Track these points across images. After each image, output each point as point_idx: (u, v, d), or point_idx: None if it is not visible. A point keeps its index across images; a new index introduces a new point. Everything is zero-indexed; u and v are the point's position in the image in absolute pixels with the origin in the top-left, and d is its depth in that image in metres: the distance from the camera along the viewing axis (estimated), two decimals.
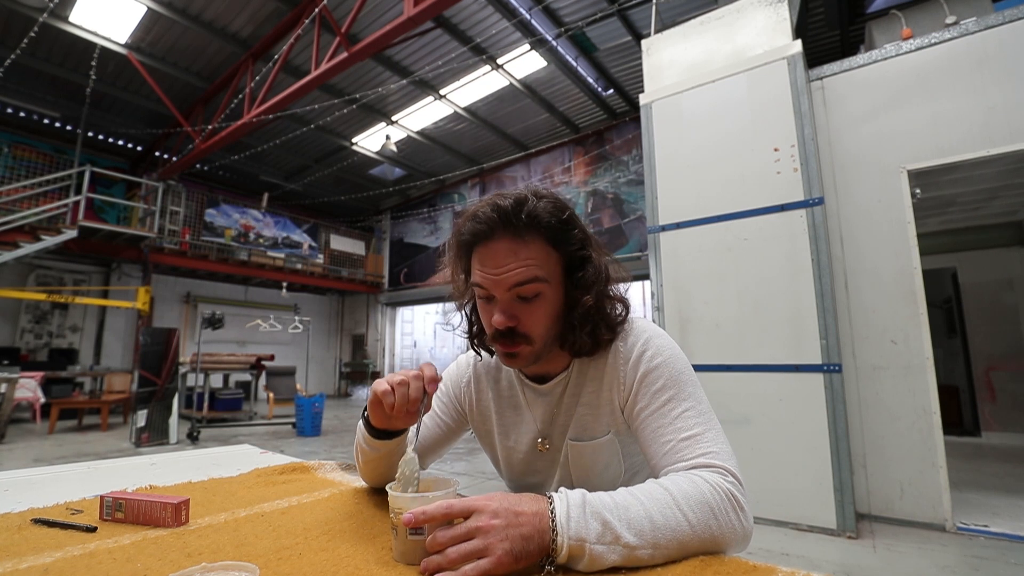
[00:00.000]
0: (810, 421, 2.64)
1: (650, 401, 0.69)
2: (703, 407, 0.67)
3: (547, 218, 0.68)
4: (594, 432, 0.76)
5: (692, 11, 5.14)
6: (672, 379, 0.69)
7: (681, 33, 3.47)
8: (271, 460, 1.16)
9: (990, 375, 5.16)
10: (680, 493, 0.56)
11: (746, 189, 2.99)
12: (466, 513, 0.50)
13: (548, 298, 0.70)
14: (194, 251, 9.35)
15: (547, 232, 0.69)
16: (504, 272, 0.68)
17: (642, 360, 0.71)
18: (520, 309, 0.70)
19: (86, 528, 0.66)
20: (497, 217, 0.68)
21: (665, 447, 0.65)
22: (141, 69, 6.67)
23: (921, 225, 3.23)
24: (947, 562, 2.18)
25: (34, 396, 6.12)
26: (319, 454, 5.03)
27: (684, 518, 0.54)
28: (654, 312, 3.25)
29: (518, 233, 0.68)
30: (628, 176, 8.66)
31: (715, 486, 0.57)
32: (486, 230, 0.69)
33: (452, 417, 0.90)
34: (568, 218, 0.71)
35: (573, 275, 0.72)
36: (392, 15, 5.91)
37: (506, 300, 0.69)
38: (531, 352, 0.71)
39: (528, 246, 0.68)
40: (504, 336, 0.70)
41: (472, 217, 0.70)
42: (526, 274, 0.67)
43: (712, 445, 0.63)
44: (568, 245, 0.71)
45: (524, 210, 0.67)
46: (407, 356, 13.18)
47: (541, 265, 0.69)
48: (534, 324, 0.70)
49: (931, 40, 2.85)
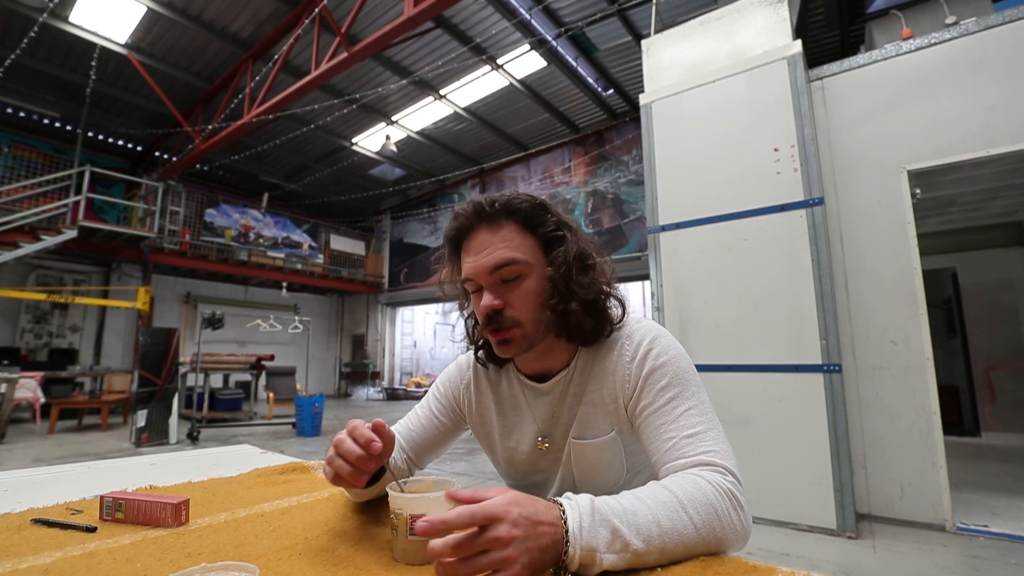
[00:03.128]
0: (810, 421, 2.64)
1: (654, 399, 0.69)
2: (706, 407, 0.68)
3: (519, 204, 0.73)
4: (598, 431, 0.76)
5: (692, 11, 5.14)
6: (677, 378, 0.70)
7: (681, 33, 3.46)
8: (271, 460, 1.16)
9: (990, 375, 5.16)
10: (685, 495, 0.56)
11: (746, 189, 2.99)
12: (486, 521, 0.47)
13: (531, 279, 0.73)
14: (194, 251, 9.35)
15: (520, 216, 0.73)
16: (483, 257, 0.72)
17: (648, 358, 0.72)
18: (505, 292, 0.72)
19: (86, 528, 0.66)
20: (472, 210, 0.74)
21: (667, 444, 0.66)
22: (141, 69, 6.67)
23: (921, 225, 3.23)
24: (947, 562, 2.17)
25: (34, 396, 6.12)
26: (319, 454, 5.03)
27: (690, 520, 0.54)
28: (654, 312, 3.25)
29: (493, 220, 0.73)
30: (628, 176, 8.66)
31: (716, 486, 0.58)
32: (465, 224, 0.75)
33: (449, 418, 0.90)
34: (541, 204, 0.76)
35: (551, 253, 0.75)
36: (392, 15, 5.91)
37: (490, 284, 0.72)
38: (523, 336, 0.73)
39: (502, 230, 0.73)
40: (493, 321, 0.72)
41: (454, 217, 0.77)
42: (502, 256, 0.71)
43: (714, 444, 0.64)
44: (543, 227, 0.75)
45: (497, 201, 0.73)
46: (407, 356, 13.19)
47: (517, 247, 0.72)
48: (520, 305, 0.72)
49: (931, 40, 2.85)
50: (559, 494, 0.79)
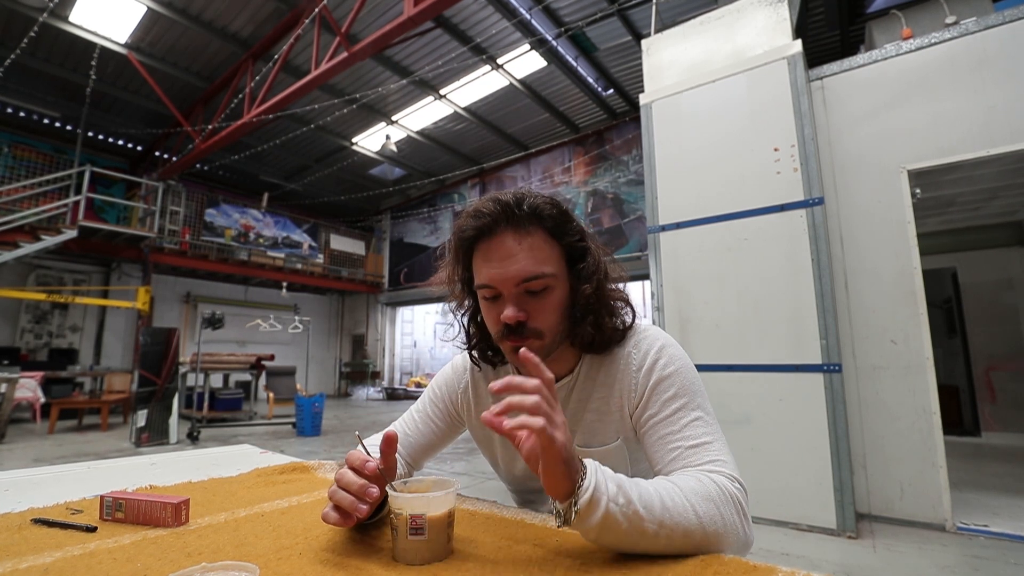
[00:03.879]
0: (810, 421, 2.64)
1: (660, 408, 0.69)
2: (711, 418, 0.68)
3: (548, 210, 0.70)
4: (603, 438, 0.75)
5: (692, 11, 5.14)
6: (684, 388, 0.70)
7: (681, 33, 3.46)
8: (271, 460, 1.16)
9: (990, 375, 5.16)
10: (687, 488, 0.57)
11: (746, 189, 2.99)
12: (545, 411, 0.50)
13: (556, 291, 0.70)
14: (194, 251, 9.35)
15: (548, 223, 0.70)
16: (512, 265, 0.67)
17: (655, 368, 0.71)
18: (529, 303, 0.69)
19: (86, 528, 0.66)
20: (500, 210, 0.68)
21: (672, 453, 0.65)
22: (141, 69, 6.67)
23: (921, 225, 3.23)
24: (947, 562, 2.17)
25: (34, 396, 6.12)
26: (319, 454, 5.03)
27: (692, 508, 0.54)
28: (654, 312, 3.25)
29: (521, 225, 0.68)
30: (628, 176, 8.66)
31: (722, 487, 0.58)
32: (489, 223, 0.68)
33: (445, 422, 0.89)
34: (566, 211, 0.73)
35: (575, 267, 0.72)
36: (392, 15, 5.91)
37: (515, 295, 0.68)
38: (541, 347, 0.70)
39: (531, 237, 0.69)
40: (514, 332, 0.68)
41: (474, 214, 0.69)
42: (535, 268, 0.67)
43: (719, 454, 0.64)
44: (569, 236, 0.72)
45: (526, 203, 0.68)
46: (407, 356, 13.18)
47: (545, 259, 0.69)
48: (544, 318, 0.69)
49: (931, 40, 2.85)
50: None
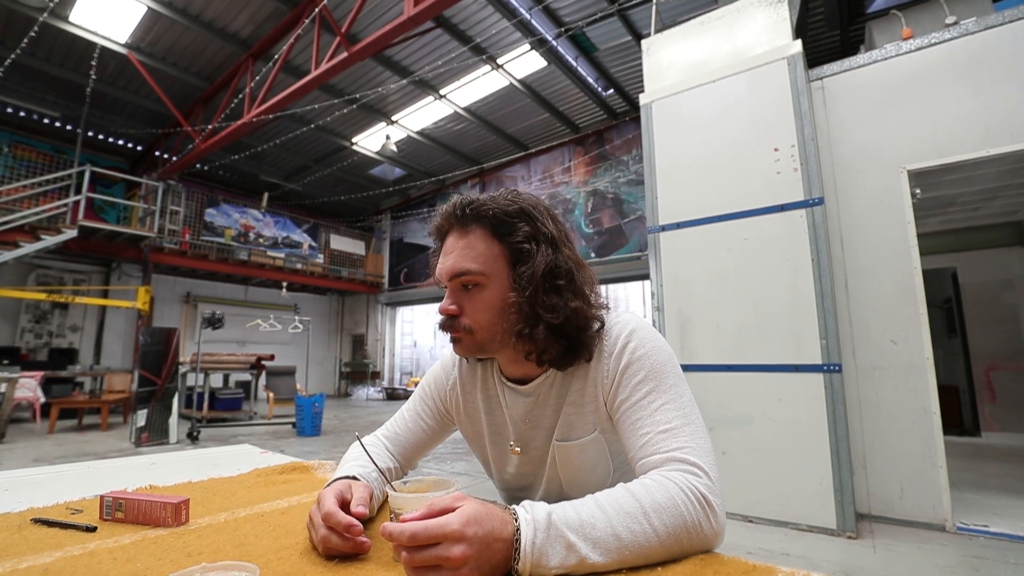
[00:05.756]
0: (810, 421, 2.64)
1: (631, 393, 0.68)
2: (684, 401, 0.67)
3: (491, 210, 0.71)
4: (580, 431, 0.75)
5: (692, 11, 5.15)
6: (653, 371, 0.69)
7: (681, 33, 3.46)
8: (271, 460, 1.16)
9: (990, 375, 5.16)
10: (650, 503, 0.55)
11: (746, 189, 2.99)
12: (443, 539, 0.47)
13: (489, 290, 0.71)
14: (194, 251, 9.35)
15: (488, 223, 0.72)
16: (447, 261, 0.72)
17: (625, 352, 0.71)
18: (463, 299, 0.73)
19: (86, 528, 0.66)
20: (451, 212, 0.74)
21: (642, 439, 0.65)
22: (141, 69, 6.67)
23: (921, 225, 3.23)
24: (947, 562, 2.17)
25: (34, 396, 6.12)
26: (319, 454, 5.03)
27: (652, 530, 0.53)
28: (654, 312, 3.25)
29: (464, 225, 0.73)
30: (628, 176, 8.66)
31: (687, 490, 0.56)
32: (442, 224, 0.76)
33: (436, 420, 0.89)
34: (518, 211, 0.72)
35: (517, 267, 0.71)
36: (392, 15, 5.91)
37: (452, 288, 0.73)
38: (473, 342, 0.73)
39: (470, 236, 0.72)
40: (447, 323, 0.73)
41: (436, 215, 0.77)
42: (458, 265, 0.71)
43: (689, 440, 0.62)
44: (511, 237, 0.71)
45: (471, 204, 0.72)
46: (407, 356, 13.19)
47: (476, 257, 0.71)
48: (474, 314, 0.72)
49: (931, 40, 2.85)
50: (545, 498, 0.79)
